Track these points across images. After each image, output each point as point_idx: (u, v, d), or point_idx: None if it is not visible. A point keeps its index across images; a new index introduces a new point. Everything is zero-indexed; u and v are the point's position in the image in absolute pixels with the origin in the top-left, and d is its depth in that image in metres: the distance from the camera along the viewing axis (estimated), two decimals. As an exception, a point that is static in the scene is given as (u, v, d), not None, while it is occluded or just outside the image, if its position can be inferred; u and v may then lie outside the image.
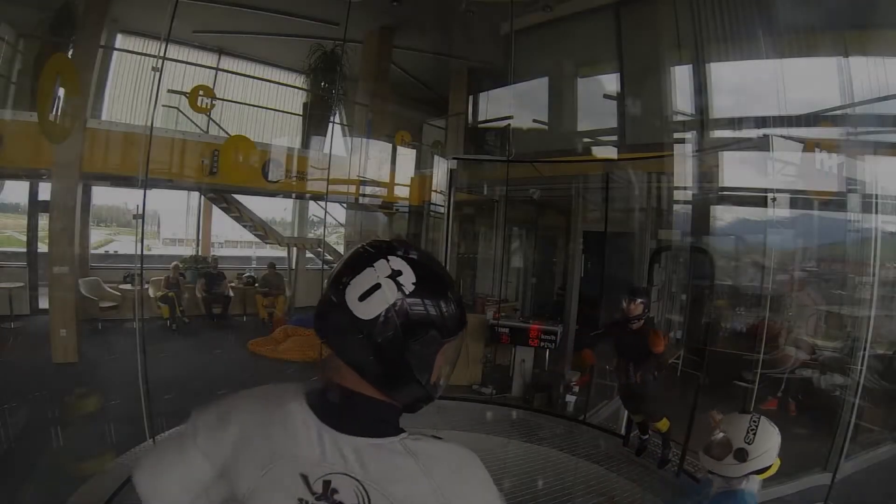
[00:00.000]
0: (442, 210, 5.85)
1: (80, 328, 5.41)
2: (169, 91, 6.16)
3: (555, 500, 3.04)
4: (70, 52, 5.51)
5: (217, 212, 8.14)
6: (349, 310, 0.66)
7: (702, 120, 5.27)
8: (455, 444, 0.69)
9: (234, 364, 5.79)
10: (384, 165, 7.60)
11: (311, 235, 9.50)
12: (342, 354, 0.70)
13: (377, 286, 0.66)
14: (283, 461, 0.66)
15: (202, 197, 8.17)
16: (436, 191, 7.27)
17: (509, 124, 6.69)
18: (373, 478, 0.63)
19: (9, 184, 6.86)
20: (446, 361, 0.72)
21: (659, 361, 3.20)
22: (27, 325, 6.08)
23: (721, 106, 5.22)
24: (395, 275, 0.67)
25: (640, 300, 3.14)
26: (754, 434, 1.58)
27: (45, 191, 6.31)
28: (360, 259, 0.69)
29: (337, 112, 8.05)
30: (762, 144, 4.09)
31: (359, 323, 0.66)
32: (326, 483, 0.64)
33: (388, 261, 0.67)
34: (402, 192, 7.95)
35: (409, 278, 0.67)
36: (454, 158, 5.67)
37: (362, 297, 0.66)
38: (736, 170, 4.70)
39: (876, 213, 3.67)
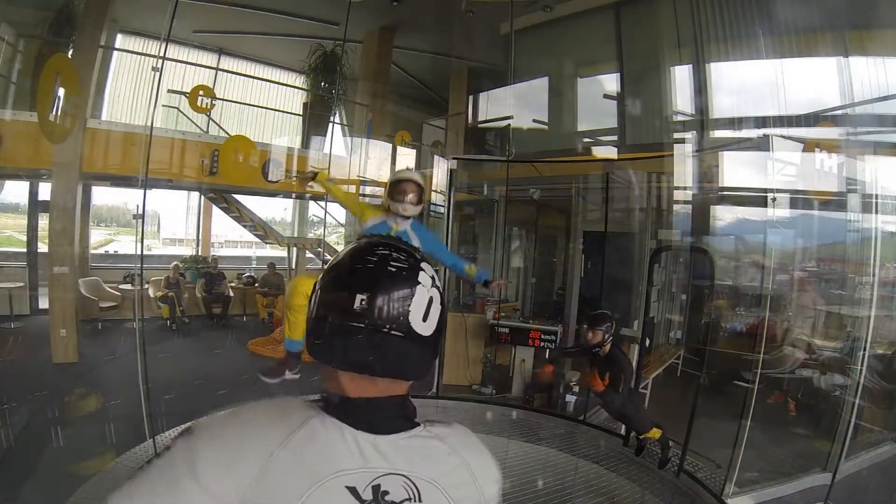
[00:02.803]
0: (442, 210, 5.84)
1: (80, 328, 5.42)
2: (169, 91, 6.16)
3: (555, 500, 3.04)
4: (70, 52, 5.52)
5: (217, 212, 8.14)
6: (417, 335, 0.66)
7: (702, 120, 5.27)
8: (452, 422, 0.74)
9: (234, 364, 5.80)
10: (384, 165, 7.59)
11: (311, 235, 9.50)
12: (397, 373, 0.67)
13: (431, 300, 0.67)
14: (326, 481, 0.59)
15: (202, 197, 8.18)
16: (436, 191, 7.27)
17: (509, 124, 6.69)
18: (416, 469, 0.64)
19: (9, 184, 6.86)
20: None
21: (605, 399, 3.05)
22: (27, 325, 6.08)
23: (721, 106, 5.22)
24: (434, 281, 0.69)
25: (598, 328, 3.01)
26: None
27: (45, 191, 6.32)
28: (406, 280, 0.66)
29: (337, 112, 8.05)
30: (762, 144, 4.09)
31: (425, 341, 0.67)
32: (376, 488, 0.61)
33: (424, 270, 0.68)
34: (402, 192, 7.94)
35: (435, 278, 0.70)
36: (454, 158, 5.66)
37: (425, 318, 0.66)
38: (736, 170, 4.70)
39: (876, 213, 3.67)
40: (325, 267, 0.72)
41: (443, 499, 0.64)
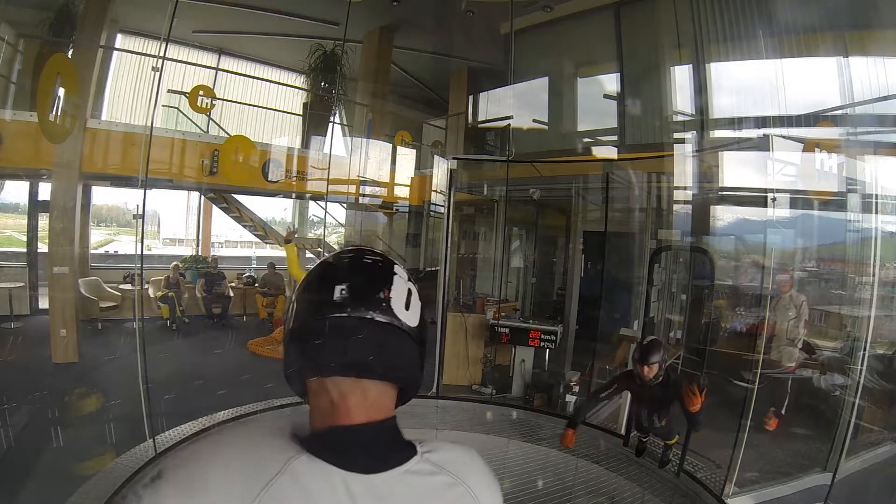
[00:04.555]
0: (442, 210, 5.84)
1: (80, 328, 5.42)
2: (169, 91, 6.18)
3: (555, 500, 3.04)
4: (70, 52, 5.52)
5: (217, 212, 8.15)
6: (401, 322, 0.63)
7: (702, 120, 5.27)
8: (455, 442, 0.69)
9: (234, 364, 5.80)
10: (384, 165, 7.60)
11: (311, 235, 9.50)
12: (386, 374, 0.63)
13: (410, 291, 0.66)
14: None
15: (202, 197, 8.18)
16: (436, 191, 7.27)
17: (509, 124, 6.70)
18: None
19: (9, 184, 6.86)
20: None
21: (698, 419, 2.71)
22: (27, 325, 6.08)
23: (721, 106, 5.22)
24: (409, 277, 0.68)
25: (653, 361, 2.69)
26: None
27: (45, 191, 6.32)
28: (382, 270, 0.66)
29: (337, 112, 8.05)
30: (762, 144, 4.09)
31: (410, 333, 0.65)
32: None
33: (397, 264, 0.68)
34: (402, 192, 7.96)
35: (409, 276, 0.68)
36: (454, 158, 5.66)
37: (407, 306, 0.64)
38: (736, 170, 4.70)
39: (876, 213, 3.67)
40: (300, 283, 0.70)
41: None
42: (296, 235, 3.95)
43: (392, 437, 0.62)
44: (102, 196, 8.59)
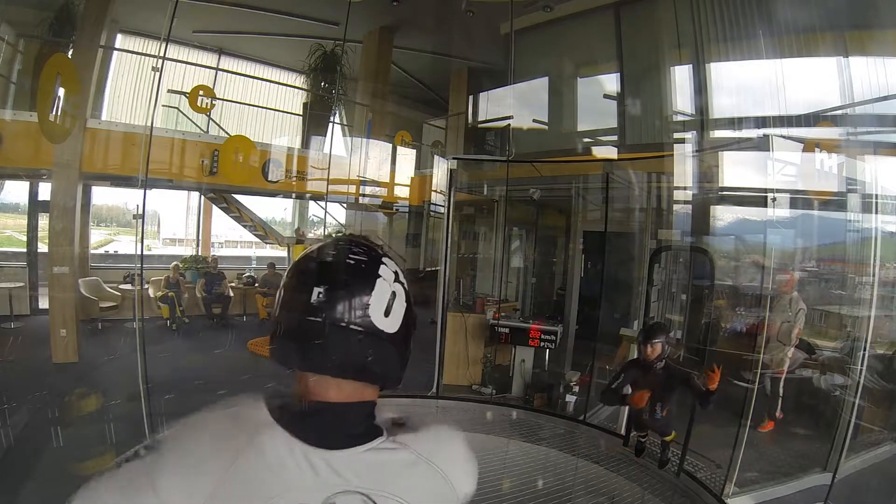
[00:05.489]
0: (442, 210, 5.84)
1: (80, 328, 5.42)
2: (169, 91, 6.17)
3: (555, 500, 3.04)
4: (70, 52, 5.52)
5: (217, 212, 8.15)
6: (378, 331, 0.63)
7: (702, 120, 5.27)
8: (430, 423, 0.69)
9: (234, 364, 5.80)
10: (384, 165, 7.60)
11: (311, 235, 9.50)
12: (359, 376, 0.64)
13: (393, 295, 0.64)
14: (274, 500, 0.57)
15: (202, 197, 8.18)
16: (436, 191, 7.27)
17: (509, 124, 6.70)
18: (376, 484, 0.60)
19: (9, 184, 6.86)
20: None
21: (710, 399, 2.75)
22: (27, 325, 6.08)
23: (721, 106, 5.22)
24: (398, 277, 0.66)
25: (656, 340, 2.80)
26: None
27: (45, 191, 6.33)
28: (364, 273, 0.63)
29: (337, 112, 8.05)
30: (762, 144, 4.09)
31: (389, 339, 0.64)
32: None
33: (385, 264, 0.65)
34: (402, 192, 7.96)
35: (399, 273, 0.66)
36: (454, 158, 5.66)
37: (387, 313, 0.63)
38: (736, 170, 4.70)
39: (876, 213, 3.67)
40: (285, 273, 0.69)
41: None
42: (306, 237, 4.00)
43: (361, 419, 0.64)
44: (102, 196, 8.60)
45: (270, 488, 0.57)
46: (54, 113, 3.60)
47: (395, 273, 0.66)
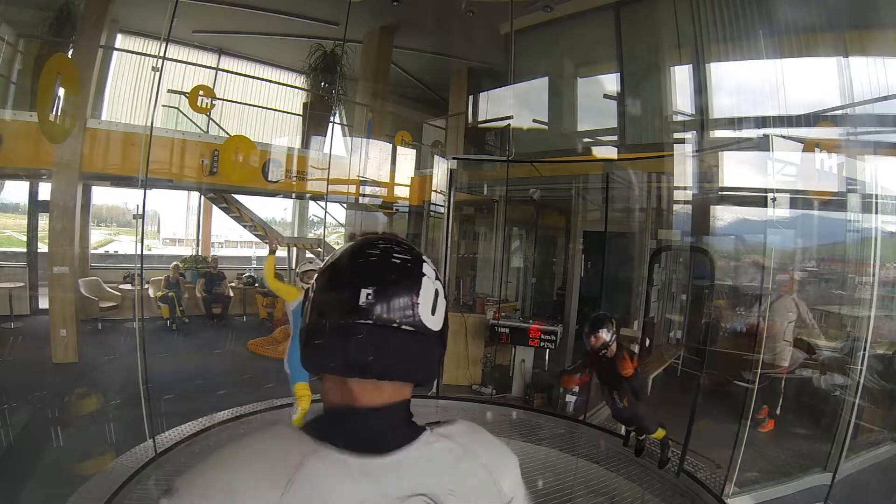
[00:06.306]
0: (442, 210, 5.85)
1: (80, 328, 5.42)
2: (169, 91, 6.17)
3: (555, 500, 3.04)
4: (70, 52, 5.52)
5: (217, 212, 8.14)
6: (427, 329, 0.62)
7: (702, 120, 5.27)
8: (458, 419, 0.69)
9: (234, 364, 5.80)
10: (384, 165, 7.60)
11: (311, 235, 9.50)
12: (406, 376, 0.63)
13: (436, 292, 0.63)
14: None
15: (202, 197, 8.18)
16: (436, 191, 7.26)
17: (509, 124, 6.70)
18: (433, 482, 0.58)
19: (9, 184, 6.87)
20: None
21: (633, 385, 3.01)
22: (27, 325, 6.09)
23: (721, 106, 5.22)
24: (436, 274, 0.65)
25: (599, 331, 2.95)
26: None
27: (45, 191, 6.33)
28: (411, 273, 0.62)
29: (337, 112, 8.05)
30: (762, 144, 4.09)
31: (434, 337, 0.63)
32: None
33: (426, 262, 0.64)
34: (402, 192, 7.96)
35: (436, 270, 0.66)
36: (454, 158, 5.67)
37: (433, 311, 0.62)
38: (736, 170, 4.70)
39: (876, 213, 3.67)
40: (320, 268, 0.66)
41: None
42: (278, 248, 4.16)
43: (404, 419, 0.63)
44: (102, 196, 8.61)
45: None
46: (54, 113, 3.59)
47: (434, 270, 0.65)
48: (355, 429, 0.59)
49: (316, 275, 0.66)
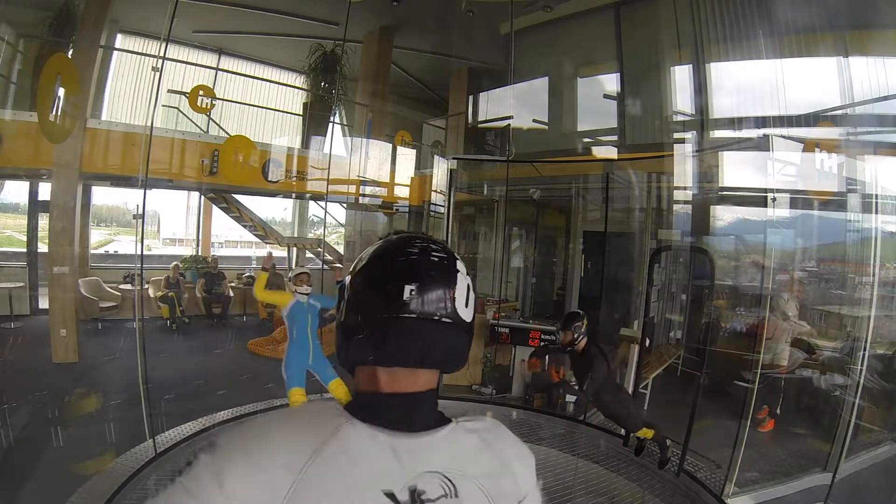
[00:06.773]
0: (442, 210, 5.85)
1: (80, 328, 5.42)
2: (169, 91, 6.17)
3: (555, 500, 3.04)
4: (70, 52, 5.52)
5: (217, 212, 8.14)
6: (462, 321, 0.68)
7: (702, 120, 5.27)
8: (483, 416, 0.74)
9: (234, 364, 5.80)
10: (384, 165, 7.60)
11: (311, 235, 9.51)
12: (441, 365, 0.69)
13: (468, 287, 0.69)
14: (364, 490, 0.57)
15: (202, 197, 8.18)
16: (436, 191, 7.27)
17: (509, 124, 6.70)
18: (452, 465, 0.63)
19: (9, 184, 6.87)
20: None
21: (596, 377, 3.07)
22: (27, 325, 6.08)
23: (721, 106, 5.22)
24: (466, 269, 0.70)
25: (568, 329, 3.11)
26: None
27: (45, 191, 6.33)
28: (447, 269, 0.68)
29: (337, 112, 8.05)
30: (762, 144, 4.09)
31: (467, 328, 0.69)
32: (412, 489, 0.59)
33: (458, 258, 0.70)
34: (402, 192, 7.96)
35: (465, 265, 0.71)
36: (454, 158, 5.67)
37: (466, 304, 0.68)
38: (736, 170, 4.70)
39: (876, 213, 3.67)
40: (354, 265, 0.70)
41: (479, 493, 0.63)
42: (272, 265, 4.25)
43: (433, 405, 0.68)
44: (102, 196, 8.61)
45: (358, 476, 0.58)
46: (54, 113, 3.59)
47: (465, 266, 0.71)
48: (389, 409, 0.64)
49: (350, 274, 0.70)
